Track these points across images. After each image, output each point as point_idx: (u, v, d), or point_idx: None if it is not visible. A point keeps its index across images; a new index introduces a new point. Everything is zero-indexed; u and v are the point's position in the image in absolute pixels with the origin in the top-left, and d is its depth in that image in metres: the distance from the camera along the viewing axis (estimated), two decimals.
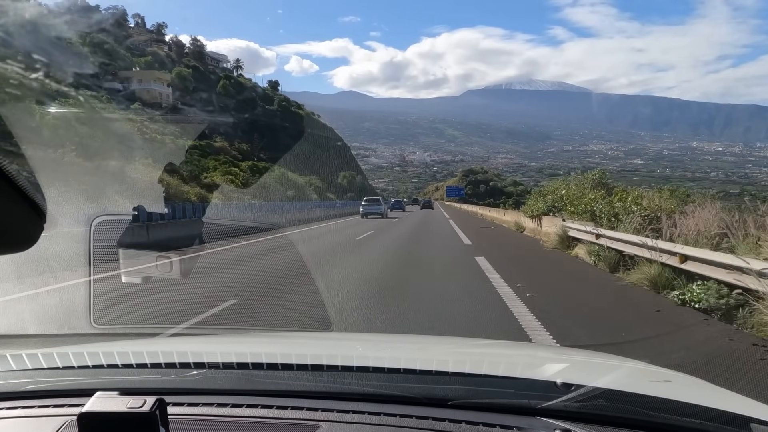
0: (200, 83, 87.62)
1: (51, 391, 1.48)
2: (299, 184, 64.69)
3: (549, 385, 1.40)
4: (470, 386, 1.46)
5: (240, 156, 70.36)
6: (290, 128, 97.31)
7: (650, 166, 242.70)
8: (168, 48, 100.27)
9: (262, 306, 7.16)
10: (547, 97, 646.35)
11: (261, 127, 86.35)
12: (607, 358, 2.34)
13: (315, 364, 1.59)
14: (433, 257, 13.46)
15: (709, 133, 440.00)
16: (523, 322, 6.21)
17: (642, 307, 7.48)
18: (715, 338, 5.89)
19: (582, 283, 10.03)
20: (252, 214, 29.92)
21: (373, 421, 1.30)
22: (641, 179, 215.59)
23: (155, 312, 6.48)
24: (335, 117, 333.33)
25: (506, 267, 11.07)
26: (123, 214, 14.72)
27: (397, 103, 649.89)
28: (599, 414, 1.31)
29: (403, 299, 7.82)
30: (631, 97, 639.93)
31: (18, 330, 5.84)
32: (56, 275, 8.80)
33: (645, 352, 4.69)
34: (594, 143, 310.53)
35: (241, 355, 1.72)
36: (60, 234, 8.91)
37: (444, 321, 6.46)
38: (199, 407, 1.38)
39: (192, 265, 10.53)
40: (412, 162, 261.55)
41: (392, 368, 1.57)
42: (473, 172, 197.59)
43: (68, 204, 16.43)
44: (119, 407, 1.11)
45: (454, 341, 3.14)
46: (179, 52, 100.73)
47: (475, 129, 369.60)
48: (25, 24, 11.78)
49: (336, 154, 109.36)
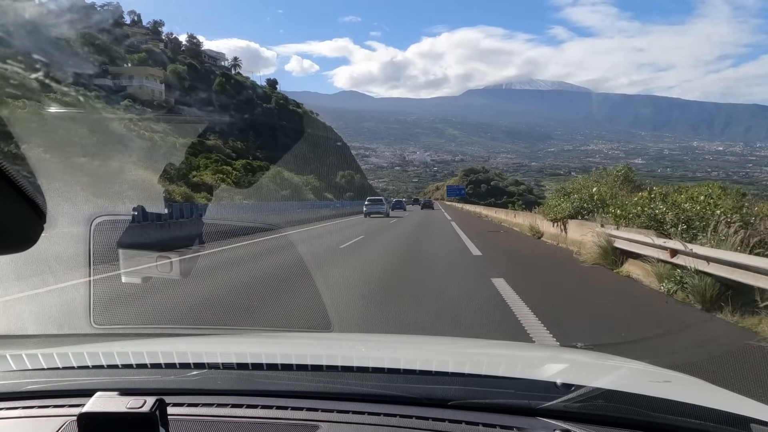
0: (197, 81, 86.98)
1: (51, 392, 1.48)
2: (295, 184, 63.35)
3: (549, 385, 1.40)
4: (470, 386, 1.45)
5: (234, 155, 69.52)
6: (288, 127, 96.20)
7: (651, 165, 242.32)
8: (164, 45, 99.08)
9: (262, 306, 7.16)
10: (547, 96, 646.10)
11: (258, 126, 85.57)
12: (607, 358, 2.34)
13: (315, 365, 1.59)
14: (434, 280, 9.58)
15: (710, 133, 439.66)
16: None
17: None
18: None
19: (672, 332, 6.27)
20: (240, 214, 28.61)
21: (373, 422, 1.29)
22: (642, 179, 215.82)
23: (155, 312, 6.48)
24: (335, 117, 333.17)
25: (540, 298, 7.81)
26: (123, 215, 14.73)
27: (398, 102, 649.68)
28: (599, 414, 1.31)
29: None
30: (632, 96, 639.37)
31: (18, 330, 5.84)
32: (56, 275, 8.79)
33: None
34: (594, 143, 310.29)
35: (240, 355, 1.72)
36: (60, 234, 8.91)
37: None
38: (199, 407, 1.38)
39: (192, 265, 10.53)
40: (412, 162, 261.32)
41: (392, 368, 1.57)
42: (474, 171, 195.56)
43: (68, 204, 16.43)
44: (119, 407, 1.11)
45: (453, 342, 3.14)
46: (175, 50, 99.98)
47: (475, 129, 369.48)
48: (25, 24, 11.79)
49: (335, 153, 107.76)
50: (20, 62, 11.07)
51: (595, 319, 6.91)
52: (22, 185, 0.94)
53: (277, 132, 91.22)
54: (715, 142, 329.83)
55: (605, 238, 11.36)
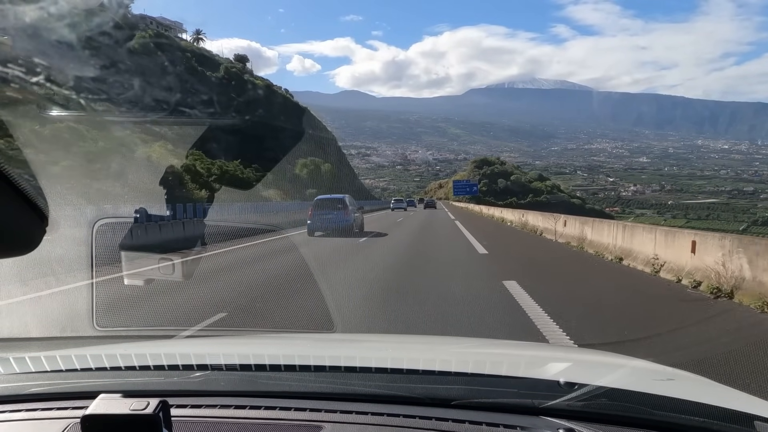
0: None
1: (54, 394, 1.49)
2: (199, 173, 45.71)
3: (552, 384, 1.40)
4: (473, 386, 1.45)
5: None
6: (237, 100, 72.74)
7: (657, 164, 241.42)
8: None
9: (263, 307, 7.16)
10: (550, 95, 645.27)
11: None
12: (610, 356, 2.34)
13: (318, 365, 1.59)
14: None
15: (714, 132, 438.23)
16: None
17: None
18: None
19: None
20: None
21: (377, 422, 1.29)
22: (650, 177, 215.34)
23: (158, 314, 6.49)
24: (337, 116, 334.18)
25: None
26: (125, 217, 14.78)
27: (400, 102, 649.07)
28: (602, 413, 1.31)
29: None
30: (635, 95, 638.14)
31: (21, 333, 5.85)
32: (59, 278, 8.81)
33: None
34: (598, 141, 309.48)
35: (243, 356, 1.72)
36: (62, 237, 8.93)
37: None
38: (202, 409, 1.38)
39: (195, 267, 10.54)
40: (414, 161, 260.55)
41: (395, 368, 1.57)
42: (488, 162, 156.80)
43: (70, 207, 16.49)
44: (122, 409, 1.11)
45: (456, 341, 3.13)
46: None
47: (478, 128, 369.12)
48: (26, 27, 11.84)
49: (299, 137, 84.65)
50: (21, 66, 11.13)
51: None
52: (24, 188, 0.94)
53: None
54: (720, 140, 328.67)
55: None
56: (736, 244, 7.85)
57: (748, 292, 7.23)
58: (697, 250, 8.90)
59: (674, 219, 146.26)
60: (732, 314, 6.84)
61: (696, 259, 8.90)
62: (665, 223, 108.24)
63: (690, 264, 9.05)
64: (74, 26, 14.75)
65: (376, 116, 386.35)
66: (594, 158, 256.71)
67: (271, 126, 76.75)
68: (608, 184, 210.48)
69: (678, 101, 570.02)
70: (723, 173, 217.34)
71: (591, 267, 12.15)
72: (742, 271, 7.54)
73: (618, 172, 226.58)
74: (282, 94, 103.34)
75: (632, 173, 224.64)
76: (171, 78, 60.98)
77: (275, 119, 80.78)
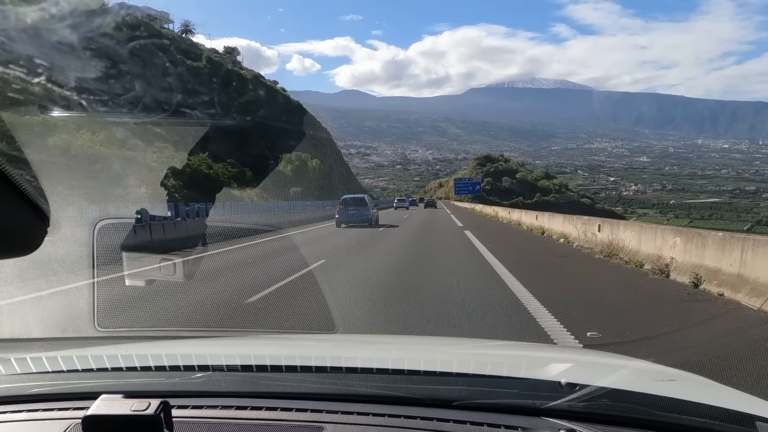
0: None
1: (55, 395, 1.49)
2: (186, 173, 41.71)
3: (553, 385, 1.40)
4: (474, 387, 1.45)
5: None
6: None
7: (657, 163, 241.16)
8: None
9: (265, 307, 7.16)
10: (550, 95, 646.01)
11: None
12: (612, 357, 2.33)
13: (319, 366, 1.59)
14: None
15: (714, 131, 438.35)
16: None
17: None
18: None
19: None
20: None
21: (378, 423, 1.29)
22: (651, 177, 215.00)
23: (159, 315, 6.48)
24: (337, 116, 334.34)
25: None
26: (126, 218, 14.78)
27: (400, 101, 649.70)
28: (604, 414, 1.31)
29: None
30: (635, 94, 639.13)
31: (22, 333, 5.85)
32: (60, 278, 8.80)
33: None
34: (598, 141, 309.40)
35: (244, 357, 1.72)
36: (63, 237, 8.93)
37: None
38: (203, 409, 1.38)
39: (196, 267, 10.54)
40: (413, 160, 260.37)
41: (396, 369, 1.57)
42: (491, 159, 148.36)
43: (71, 207, 16.49)
44: (124, 410, 1.11)
45: (457, 342, 3.13)
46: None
47: (478, 127, 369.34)
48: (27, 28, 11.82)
49: (291, 133, 79.12)
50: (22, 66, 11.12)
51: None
52: (26, 189, 0.94)
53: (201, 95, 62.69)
54: (720, 139, 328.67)
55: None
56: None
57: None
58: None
59: (677, 219, 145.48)
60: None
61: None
62: (689, 224, 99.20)
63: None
64: (74, 27, 14.73)
65: (375, 116, 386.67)
66: (594, 158, 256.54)
67: (263, 124, 73.37)
68: (609, 184, 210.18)
69: (678, 101, 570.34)
70: (724, 173, 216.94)
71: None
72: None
73: (619, 171, 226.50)
74: (271, 86, 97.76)
75: (633, 173, 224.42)
76: (151, 66, 54.07)
77: (270, 116, 77.79)
